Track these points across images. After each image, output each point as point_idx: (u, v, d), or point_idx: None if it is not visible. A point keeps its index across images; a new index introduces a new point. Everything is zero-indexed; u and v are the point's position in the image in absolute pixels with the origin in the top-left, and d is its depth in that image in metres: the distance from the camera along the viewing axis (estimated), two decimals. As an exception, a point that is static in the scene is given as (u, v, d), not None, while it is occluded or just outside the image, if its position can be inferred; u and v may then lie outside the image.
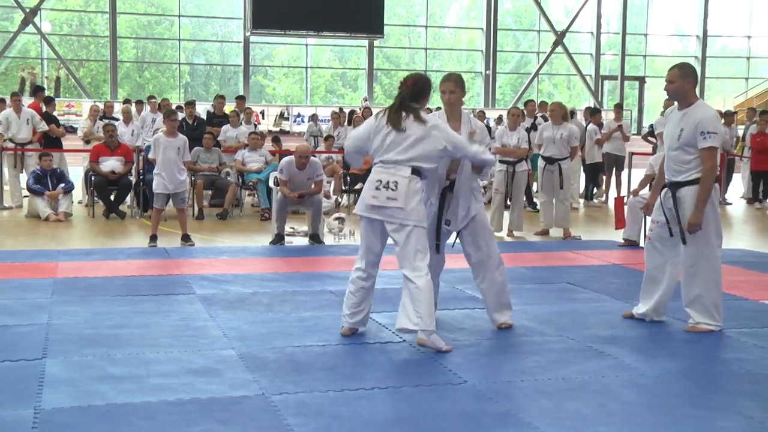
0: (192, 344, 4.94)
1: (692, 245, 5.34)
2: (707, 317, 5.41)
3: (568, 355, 4.89)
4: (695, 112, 5.25)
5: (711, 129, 5.18)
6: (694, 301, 5.42)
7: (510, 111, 10.82)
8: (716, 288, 5.41)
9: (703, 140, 5.18)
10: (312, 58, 30.87)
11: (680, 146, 5.28)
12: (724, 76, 34.53)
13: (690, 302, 5.45)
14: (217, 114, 14.15)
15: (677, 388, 4.28)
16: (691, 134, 5.21)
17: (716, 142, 5.21)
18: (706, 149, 5.19)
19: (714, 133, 5.18)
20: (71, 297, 6.21)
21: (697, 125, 5.19)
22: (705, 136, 5.18)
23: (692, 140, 5.22)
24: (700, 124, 5.19)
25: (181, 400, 3.95)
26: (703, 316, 5.41)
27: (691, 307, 5.44)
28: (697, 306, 5.42)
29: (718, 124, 5.28)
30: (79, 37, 29.43)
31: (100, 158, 11.48)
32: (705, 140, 5.18)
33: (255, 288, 6.65)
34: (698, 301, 5.41)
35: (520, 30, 32.90)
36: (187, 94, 29.24)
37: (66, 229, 10.31)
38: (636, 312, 5.73)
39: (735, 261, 8.26)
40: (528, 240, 10.04)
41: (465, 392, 4.16)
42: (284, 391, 4.10)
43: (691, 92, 5.34)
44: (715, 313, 5.42)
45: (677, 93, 5.36)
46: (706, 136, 5.17)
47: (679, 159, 5.31)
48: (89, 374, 4.32)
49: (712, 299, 5.40)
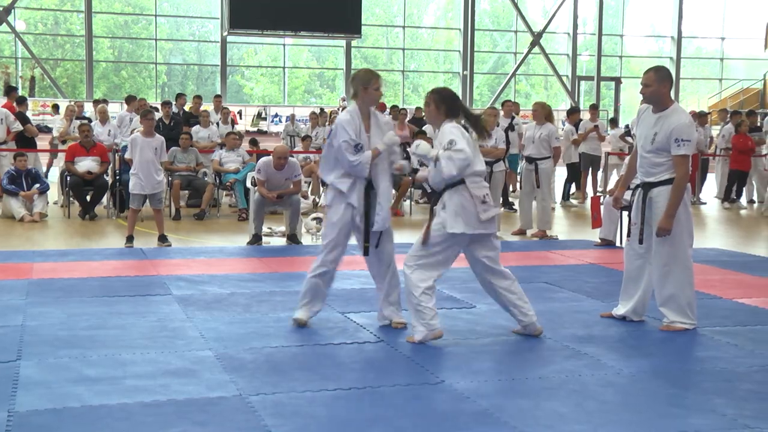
0: (169, 345, 4.92)
1: (664, 246, 5.38)
2: (682, 316, 5.46)
3: (545, 354, 4.91)
4: (670, 118, 5.30)
5: (685, 137, 5.24)
6: (668, 300, 5.47)
7: (486, 111, 10.84)
8: (689, 287, 5.46)
9: (677, 147, 5.24)
10: (290, 58, 30.81)
11: (654, 150, 5.34)
12: (699, 77, 34.86)
13: (664, 302, 5.49)
14: (194, 114, 14.10)
15: (653, 386, 4.31)
16: (666, 140, 5.27)
17: (690, 150, 5.27)
18: (680, 156, 5.25)
19: (688, 141, 5.25)
20: (46, 298, 6.15)
21: (671, 132, 5.25)
22: (679, 144, 5.23)
23: (666, 145, 5.28)
24: (674, 131, 5.24)
25: (157, 401, 3.92)
26: (678, 315, 5.46)
27: (666, 306, 5.49)
28: (671, 305, 5.47)
29: (692, 131, 5.34)
30: (55, 36, 29.18)
31: (76, 158, 11.39)
32: (679, 147, 5.24)
33: (232, 288, 6.62)
34: (672, 301, 5.45)
35: (497, 30, 33.03)
36: (164, 94, 29.07)
37: (41, 230, 10.21)
38: (615, 313, 5.76)
39: (709, 260, 8.34)
40: (505, 240, 10.07)
41: (442, 392, 4.17)
42: (262, 391, 4.09)
43: (666, 96, 5.39)
44: (689, 311, 5.47)
45: (653, 96, 5.40)
46: (681, 143, 5.23)
47: (652, 161, 5.37)
48: (64, 376, 4.28)
49: (686, 298, 5.45)
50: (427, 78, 33.06)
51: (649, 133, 5.37)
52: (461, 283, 6.95)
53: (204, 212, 11.42)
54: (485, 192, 4.99)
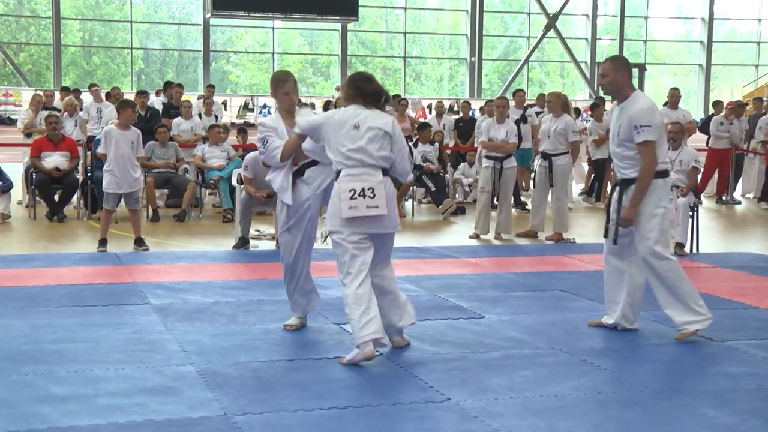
0: (146, 360, 4.92)
1: (642, 243, 5.48)
2: (689, 313, 5.51)
3: (560, 369, 4.91)
4: (629, 106, 5.51)
5: (644, 122, 5.42)
6: (669, 302, 5.55)
7: (496, 102, 10.86)
8: (682, 280, 5.52)
9: (638, 135, 5.43)
10: (279, 42, 30.86)
11: (620, 143, 5.55)
12: (732, 62, 34.92)
13: (666, 304, 5.58)
14: (174, 105, 14.11)
15: (680, 405, 4.32)
16: (627, 130, 5.48)
17: (651, 135, 5.42)
18: (642, 144, 5.43)
19: (647, 126, 5.42)
20: (8, 308, 6.15)
21: (630, 120, 5.46)
22: (639, 131, 5.42)
23: (630, 136, 5.47)
24: (632, 118, 5.45)
25: (133, 422, 3.93)
26: (685, 314, 5.51)
27: (669, 308, 5.57)
28: (674, 305, 5.54)
29: (652, 116, 5.49)
30: (18, 18, 29.21)
31: (43, 153, 11.39)
32: (639, 134, 5.43)
33: (216, 297, 6.63)
34: (673, 300, 5.52)
35: (508, 12, 33.10)
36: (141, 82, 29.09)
37: (3, 233, 10.22)
38: (605, 322, 5.83)
39: (743, 266, 8.35)
40: (517, 243, 10.08)
41: (448, 411, 4.17)
42: (249, 410, 4.09)
43: (625, 85, 5.60)
44: (695, 305, 5.52)
45: (611, 86, 5.61)
46: (640, 130, 5.42)
47: (623, 156, 5.57)
48: (29, 395, 4.28)
49: (685, 292, 5.50)
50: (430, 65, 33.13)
51: (614, 128, 5.60)
52: (468, 291, 6.97)
53: (185, 213, 11.44)
54: (352, 186, 4.89)
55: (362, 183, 4.88)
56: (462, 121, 15.28)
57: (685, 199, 9.22)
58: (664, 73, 34.78)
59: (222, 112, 16.85)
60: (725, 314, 6.31)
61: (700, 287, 7.29)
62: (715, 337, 5.62)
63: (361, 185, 4.87)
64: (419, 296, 6.78)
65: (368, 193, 4.86)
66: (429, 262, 8.45)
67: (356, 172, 4.91)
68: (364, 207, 4.85)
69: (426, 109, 24.48)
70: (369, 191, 4.87)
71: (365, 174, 4.90)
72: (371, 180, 4.89)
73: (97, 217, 10.31)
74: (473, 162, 14.00)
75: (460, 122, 15.30)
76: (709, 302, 6.71)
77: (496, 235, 10.33)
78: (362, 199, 4.85)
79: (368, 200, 4.86)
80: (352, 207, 4.86)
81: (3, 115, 23.02)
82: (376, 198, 4.86)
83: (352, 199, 4.85)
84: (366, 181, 4.88)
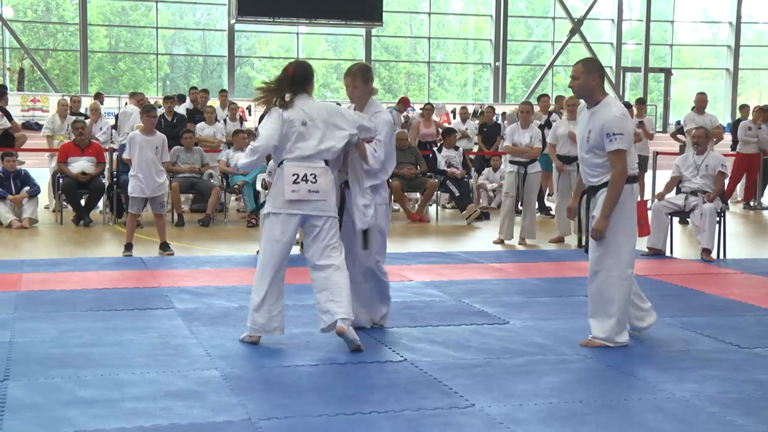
0: (171, 364, 4.94)
1: (597, 250, 5.41)
2: (606, 331, 5.41)
3: (586, 375, 4.89)
4: (601, 112, 5.37)
5: (617, 130, 5.30)
6: (597, 311, 5.45)
7: (521, 107, 10.82)
8: (623, 299, 5.40)
9: (610, 143, 5.31)
10: (304, 48, 30.95)
11: (590, 149, 5.43)
12: (760, 67, 34.60)
13: (593, 312, 5.48)
14: (199, 110, 14.18)
15: (709, 413, 4.28)
16: (598, 137, 5.35)
17: (624, 144, 5.31)
18: (614, 152, 5.32)
19: (620, 135, 5.30)
20: (36, 312, 6.20)
21: (602, 127, 5.33)
22: (611, 139, 5.30)
23: (600, 143, 5.35)
24: (605, 126, 5.32)
25: (158, 426, 3.95)
26: (601, 330, 5.42)
27: (594, 317, 5.48)
28: (599, 317, 5.45)
29: (624, 124, 5.37)
30: (46, 25, 29.49)
31: (69, 158, 11.49)
32: (612, 143, 5.30)
33: (241, 302, 6.65)
34: (600, 312, 5.43)
35: (532, 17, 32.98)
36: (166, 87, 29.28)
37: (31, 237, 10.31)
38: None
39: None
40: (541, 248, 10.04)
41: (472, 417, 4.16)
42: (273, 415, 4.10)
43: (597, 89, 5.47)
44: (617, 327, 5.40)
45: (582, 90, 5.50)
46: (612, 138, 5.29)
47: (591, 162, 5.45)
48: (56, 398, 4.31)
49: (618, 310, 5.40)
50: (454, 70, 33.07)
51: (584, 133, 5.47)
52: (493, 297, 6.95)
53: (210, 218, 11.48)
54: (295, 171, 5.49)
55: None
56: (486, 126, 15.25)
57: (712, 205, 9.15)
58: (690, 77, 34.53)
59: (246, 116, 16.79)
60: (753, 321, 6.26)
61: (727, 293, 7.27)
62: (743, 344, 5.57)
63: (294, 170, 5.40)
64: (443, 301, 6.78)
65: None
66: (453, 267, 8.43)
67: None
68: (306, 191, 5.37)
69: (449, 114, 24.47)
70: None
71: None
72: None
73: (123, 222, 10.37)
74: (497, 167, 13.98)
75: (484, 127, 15.27)
76: (736, 308, 6.68)
77: (521, 241, 10.29)
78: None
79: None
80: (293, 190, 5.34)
81: (31, 120, 23.22)
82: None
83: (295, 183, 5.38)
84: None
